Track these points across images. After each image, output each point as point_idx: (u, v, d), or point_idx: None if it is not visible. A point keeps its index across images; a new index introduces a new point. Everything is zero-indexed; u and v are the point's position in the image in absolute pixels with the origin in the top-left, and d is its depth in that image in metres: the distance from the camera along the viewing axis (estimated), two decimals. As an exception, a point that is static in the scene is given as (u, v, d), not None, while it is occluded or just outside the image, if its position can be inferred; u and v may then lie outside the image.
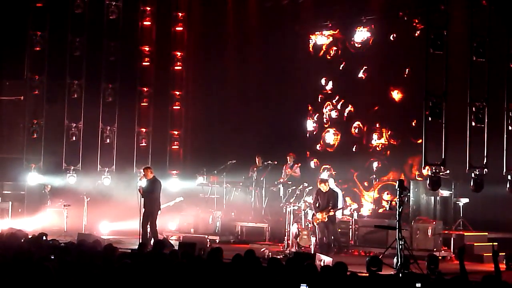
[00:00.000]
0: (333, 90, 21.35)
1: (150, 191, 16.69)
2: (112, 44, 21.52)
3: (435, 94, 15.93)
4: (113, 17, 21.47)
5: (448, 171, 16.10)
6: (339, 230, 17.29)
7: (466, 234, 16.43)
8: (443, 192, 17.10)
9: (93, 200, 19.45)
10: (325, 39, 21.54)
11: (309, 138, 21.81)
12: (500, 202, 16.71)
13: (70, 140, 21.01)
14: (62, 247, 11.05)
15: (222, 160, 20.51)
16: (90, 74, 21.26)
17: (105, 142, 21.53)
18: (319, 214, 16.43)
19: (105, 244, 11.43)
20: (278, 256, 14.19)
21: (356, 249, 17.12)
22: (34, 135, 20.67)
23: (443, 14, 16.42)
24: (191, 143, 23.27)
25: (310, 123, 21.80)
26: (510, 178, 15.84)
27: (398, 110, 19.86)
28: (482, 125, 15.92)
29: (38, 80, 20.77)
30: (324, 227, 16.42)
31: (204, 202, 20.16)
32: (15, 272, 8.14)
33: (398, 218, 13.73)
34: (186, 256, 10.32)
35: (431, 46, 15.96)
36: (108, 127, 21.57)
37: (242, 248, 14.87)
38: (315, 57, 21.76)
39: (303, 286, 8.06)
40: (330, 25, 21.39)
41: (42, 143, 20.76)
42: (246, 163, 20.38)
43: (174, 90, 23.00)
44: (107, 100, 21.56)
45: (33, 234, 13.06)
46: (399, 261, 13.23)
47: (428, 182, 16.07)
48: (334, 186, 17.74)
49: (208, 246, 15.23)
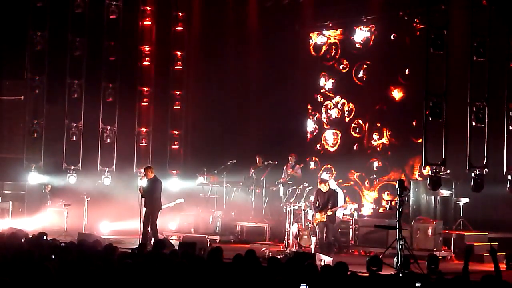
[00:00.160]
0: (333, 90, 21.35)
1: (151, 191, 16.68)
2: (112, 44, 21.51)
3: (436, 94, 15.93)
4: (113, 17, 21.45)
5: (448, 171, 16.10)
6: (339, 230, 17.31)
7: (466, 234, 16.42)
8: (444, 192, 17.09)
9: (93, 200, 19.43)
10: (325, 39, 21.54)
11: (309, 138, 21.80)
12: (500, 202, 16.70)
13: (71, 140, 21.00)
14: (62, 247, 11.03)
15: (222, 160, 20.51)
16: (90, 74, 21.24)
17: (105, 142, 21.52)
18: (318, 214, 16.44)
19: (105, 244, 11.44)
20: (278, 256, 14.16)
21: (356, 249, 17.11)
22: (35, 135, 20.65)
23: (444, 14, 16.44)
24: (191, 143, 23.26)
25: (311, 123, 21.80)
26: (510, 178, 15.84)
27: (398, 110, 19.84)
28: (482, 125, 15.92)
29: (38, 80, 20.74)
30: (324, 227, 16.43)
31: (204, 202, 20.16)
32: (16, 271, 8.14)
33: (398, 218, 13.73)
34: (186, 256, 10.32)
35: (432, 45, 15.96)
36: (108, 127, 21.56)
37: (242, 248, 14.87)
38: (315, 56, 21.76)
39: (303, 285, 8.05)
40: (331, 24, 21.38)
41: (42, 143, 20.74)
42: (246, 163, 20.38)
43: (174, 90, 22.98)
44: (107, 100, 21.57)
45: (33, 234, 13.04)
46: (399, 261, 13.23)
47: (428, 182, 16.08)
48: (335, 185, 17.74)
49: (208, 246, 15.22)
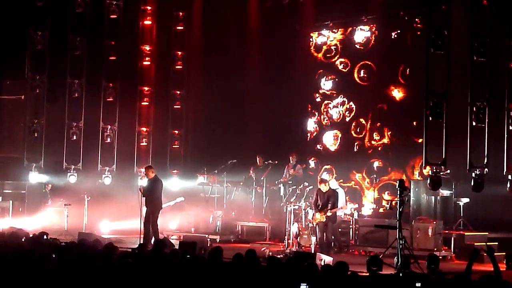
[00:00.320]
0: (333, 90, 21.34)
1: (151, 191, 16.69)
2: (112, 43, 21.51)
3: (436, 94, 15.93)
4: (113, 16, 21.45)
5: (448, 171, 16.10)
6: (340, 230, 17.30)
7: (466, 234, 16.42)
8: (444, 192, 17.09)
9: (93, 199, 19.43)
10: (325, 39, 21.54)
11: (309, 138, 21.80)
12: (500, 202, 16.69)
13: (71, 139, 20.99)
14: (62, 246, 11.04)
15: (223, 159, 20.50)
16: (90, 73, 21.23)
17: (105, 142, 21.52)
18: (318, 214, 16.41)
19: (105, 243, 11.43)
20: (278, 255, 14.16)
21: (356, 248, 17.11)
22: (35, 134, 20.63)
23: (444, 13, 16.43)
24: (192, 143, 23.25)
25: (311, 123, 21.79)
26: (510, 178, 15.86)
27: (399, 110, 19.83)
28: (482, 125, 15.93)
29: (38, 79, 20.72)
30: (324, 227, 16.42)
31: (204, 202, 20.16)
32: (16, 271, 8.13)
33: (399, 218, 13.73)
34: (186, 255, 10.32)
35: (432, 45, 15.96)
36: (108, 127, 21.56)
37: (242, 247, 14.88)
38: (316, 56, 21.75)
39: (303, 285, 8.05)
40: (331, 24, 21.38)
41: (42, 142, 20.72)
42: (247, 163, 20.38)
43: (175, 90, 22.96)
44: (108, 99, 21.57)
45: (33, 233, 13.04)
46: (400, 260, 13.23)
47: (428, 182, 16.07)
48: (336, 185, 17.72)
49: (208, 245, 15.22)
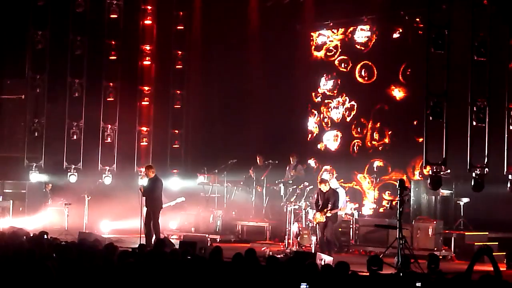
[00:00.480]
0: (334, 89, 21.34)
1: (151, 190, 16.68)
2: (113, 43, 21.52)
3: (436, 94, 15.92)
4: (114, 16, 21.46)
5: (449, 171, 16.09)
6: (340, 230, 17.29)
7: (466, 233, 16.42)
8: (444, 191, 17.09)
9: (94, 199, 19.41)
10: (326, 38, 21.53)
11: (310, 138, 21.79)
12: (501, 201, 16.68)
13: (71, 139, 20.99)
14: (63, 246, 11.04)
15: (223, 159, 20.51)
16: (91, 73, 21.23)
17: (106, 141, 21.53)
18: (318, 214, 16.33)
19: (105, 243, 11.43)
20: (278, 255, 14.17)
21: (356, 248, 17.12)
22: (35, 134, 20.62)
23: (445, 13, 16.42)
24: (192, 142, 23.25)
25: (311, 123, 21.78)
26: (510, 177, 15.85)
27: (399, 109, 19.82)
28: (483, 124, 15.92)
29: (39, 78, 20.72)
30: (324, 226, 16.37)
31: (205, 201, 20.16)
32: (16, 270, 8.13)
33: (399, 218, 13.73)
34: (186, 255, 10.32)
35: (433, 45, 15.96)
36: (109, 126, 21.57)
37: (243, 247, 14.87)
38: (316, 56, 21.75)
39: (304, 285, 8.05)
40: (331, 24, 21.37)
41: (43, 142, 20.72)
42: (247, 162, 20.38)
43: (175, 89, 22.97)
44: (108, 99, 21.58)
45: (34, 233, 13.05)
46: (400, 260, 13.22)
47: (429, 181, 16.07)
48: (337, 185, 17.70)
49: (209, 245, 15.22)
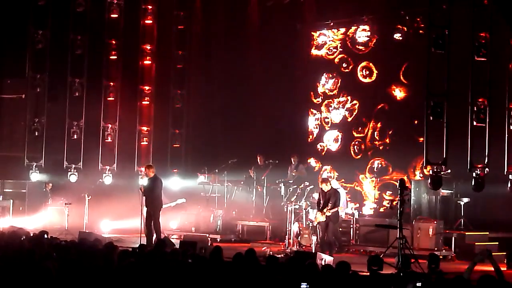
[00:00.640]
0: (335, 89, 21.32)
1: (151, 190, 16.68)
2: (113, 42, 21.52)
3: (437, 94, 15.92)
4: (114, 15, 21.47)
5: (449, 171, 16.10)
6: (340, 229, 17.28)
7: (467, 233, 16.41)
8: (444, 191, 17.08)
9: (94, 198, 19.41)
10: (326, 38, 21.52)
11: (310, 137, 21.77)
12: (501, 201, 16.68)
13: (72, 138, 21.00)
14: (63, 246, 11.04)
15: (223, 158, 20.51)
16: (91, 72, 21.25)
17: (106, 141, 21.54)
18: (319, 214, 16.30)
19: (105, 242, 11.42)
20: (279, 255, 14.16)
21: (357, 248, 17.11)
22: (36, 133, 20.63)
23: (445, 13, 16.42)
24: (193, 142, 23.23)
25: (312, 123, 21.77)
26: (511, 177, 15.86)
27: (400, 109, 19.79)
28: (483, 124, 15.93)
29: (39, 78, 20.73)
30: (325, 226, 16.33)
31: (205, 201, 20.17)
32: (16, 270, 8.13)
33: (399, 217, 13.73)
34: (187, 255, 10.32)
35: (433, 45, 15.96)
36: (109, 126, 21.57)
37: (243, 247, 14.87)
38: (317, 56, 21.73)
39: (304, 285, 8.05)
40: (332, 24, 21.35)
41: (43, 141, 20.72)
42: (247, 162, 20.37)
43: (176, 89, 22.96)
44: (109, 98, 21.58)
45: (34, 233, 13.05)
46: (400, 260, 13.22)
47: (429, 181, 16.08)
48: (337, 185, 17.70)
49: (209, 245, 15.22)
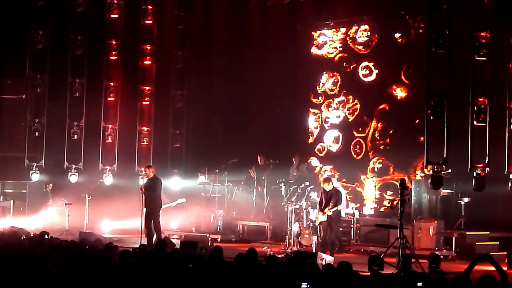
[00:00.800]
0: (335, 89, 21.31)
1: (151, 190, 16.68)
2: (114, 42, 21.52)
3: (437, 93, 15.92)
4: (115, 15, 21.48)
5: (450, 170, 16.08)
6: (341, 229, 17.27)
7: (467, 233, 16.40)
8: (445, 191, 17.07)
9: (94, 198, 19.42)
10: (327, 38, 21.51)
11: (311, 137, 21.75)
12: (501, 201, 16.69)
13: (72, 138, 21.01)
14: (63, 246, 11.04)
15: (224, 158, 20.52)
16: (91, 72, 21.28)
17: (106, 141, 21.55)
18: (320, 214, 16.29)
19: (106, 242, 11.43)
20: (279, 255, 14.16)
21: (357, 247, 17.11)
22: (36, 134, 20.65)
23: (445, 13, 16.41)
24: (193, 142, 23.24)
25: (312, 123, 21.76)
26: (511, 177, 15.84)
27: (401, 109, 19.78)
28: (484, 124, 15.93)
29: (40, 78, 20.75)
30: (327, 226, 16.25)
31: (205, 201, 20.18)
32: (17, 270, 8.13)
33: (400, 217, 13.73)
34: (187, 255, 10.32)
35: (433, 45, 15.95)
36: (109, 126, 21.58)
37: (243, 247, 14.87)
38: (317, 56, 21.72)
39: (304, 284, 8.04)
40: (332, 24, 21.34)
41: (43, 142, 20.74)
42: (248, 162, 20.37)
43: (176, 89, 22.97)
44: (109, 98, 21.59)
45: (34, 233, 13.05)
46: (401, 260, 13.22)
47: (430, 181, 16.06)
48: (337, 185, 17.69)
49: (209, 245, 15.23)
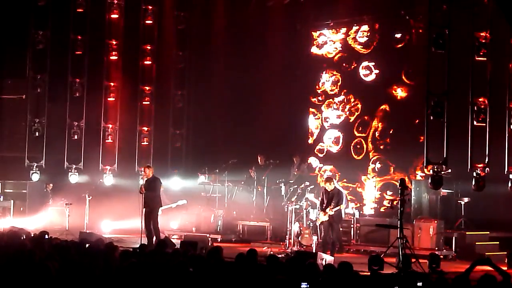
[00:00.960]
0: (335, 89, 21.32)
1: (151, 189, 16.68)
2: (114, 42, 21.53)
3: (437, 93, 15.93)
4: (115, 15, 21.49)
5: (449, 170, 16.09)
6: (341, 229, 17.27)
7: (467, 233, 16.41)
8: (445, 191, 17.08)
9: (94, 198, 19.43)
10: (327, 38, 21.52)
11: (311, 137, 21.76)
12: (501, 201, 16.69)
13: (72, 138, 21.03)
14: (63, 246, 11.04)
15: (224, 159, 20.52)
16: (92, 72, 21.30)
17: (107, 141, 21.56)
18: (321, 214, 16.27)
19: (106, 242, 11.43)
20: (279, 255, 14.17)
21: (357, 247, 17.11)
22: (36, 134, 20.69)
23: (445, 13, 16.42)
24: (193, 142, 23.23)
25: (313, 123, 21.76)
26: (511, 177, 15.85)
27: (401, 109, 19.79)
28: (483, 124, 15.94)
29: (40, 78, 20.78)
30: (328, 226, 16.22)
31: (205, 201, 20.17)
32: (17, 270, 8.13)
33: (400, 217, 13.74)
34: (188, 255, 10.32)
35: (433, 45, 15.96)
36: (110, 126, 21.59)
37: (243, 247, 14.88)
38: (317, 56, 21.72)
39: (304, 284, 8.05)
40: (332, 24, 21.34)
41: (44, 142, 20.77)
42: (248, 162, 20.38)
43: (176, 89, 22.96)
44: (109, 98, 21.60)
45: (34, 233, 13.06)
46: (401, 260, 13.22)
47: (430, 181, 16.06)
48: (338, 185, 17.70)
49: (209, 245, 15.24)
